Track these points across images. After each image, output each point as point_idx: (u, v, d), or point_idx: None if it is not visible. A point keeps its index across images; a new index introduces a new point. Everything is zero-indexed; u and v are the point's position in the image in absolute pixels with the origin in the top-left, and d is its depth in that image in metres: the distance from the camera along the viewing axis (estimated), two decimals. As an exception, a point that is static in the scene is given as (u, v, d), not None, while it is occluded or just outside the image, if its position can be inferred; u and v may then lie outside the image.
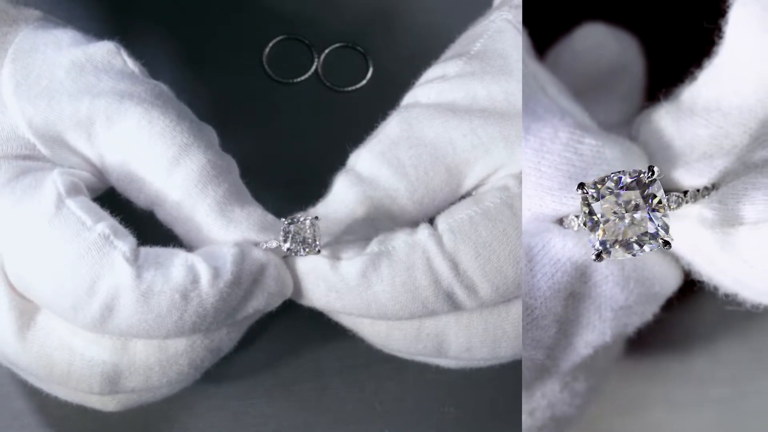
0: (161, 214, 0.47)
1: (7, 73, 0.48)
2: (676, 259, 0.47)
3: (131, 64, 0.49)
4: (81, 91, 0.47)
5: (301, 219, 0.46)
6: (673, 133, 0.46)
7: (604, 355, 0.47)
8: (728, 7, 0.45)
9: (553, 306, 0.45)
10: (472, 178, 0.48)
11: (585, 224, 0.43)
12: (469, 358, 0.48)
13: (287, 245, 0.45)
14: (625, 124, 0.48)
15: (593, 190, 0.43)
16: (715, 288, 0.46)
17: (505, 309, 0.47)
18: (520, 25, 0.49)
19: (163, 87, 0.49)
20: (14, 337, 0.45)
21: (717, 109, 0.45)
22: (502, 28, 0.50)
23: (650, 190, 0.43)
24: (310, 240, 0.45)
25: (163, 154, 0.46)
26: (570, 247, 0.45)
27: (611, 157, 0.45)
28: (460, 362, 0.49)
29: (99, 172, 0.48)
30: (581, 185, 0.43)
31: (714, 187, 0.44)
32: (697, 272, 0.46)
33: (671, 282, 0.47)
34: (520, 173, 0.47)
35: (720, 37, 0.45)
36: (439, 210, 0.47)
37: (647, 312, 0.46)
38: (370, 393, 0.54)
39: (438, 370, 0.50)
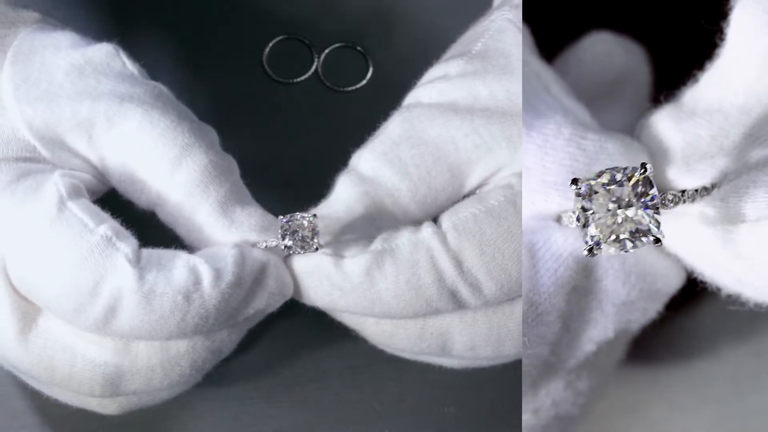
0: (163, 215, 0.47)
1: (6, 76, 0.47)
2: (677, 258, 0.47)
3: (130, 66, 0.49)
4: (80, 94, 0.47)
5: (299, 217, 0.46)
6: (675, 134, 0.46)
7: (607, 354, 0.47)
8: (729, 9, 0.45)
9: (557, 302, 0.45)
10: (475, 178, 0.48)
11: (578, 219, 0.43)
12: (474, 357, 0.48)
13: (285, 243, 0.46)
14: (630, 132, 0.48)
15: (586, 186, 0.43)
16: (718, 289, 0.46)
17: (510, 307, 0.47)
18: (521, 24, 0.49)
19: (163, 88, 0.49)
20: (16, 339, 0.45)
21: (718, 110, 0.45)
22: (503, 28, 0.50)
23: (643, 187, 0.43)
24: (308, 238, 0.45)
25: (164, 155, 0.46)
26: (572, 242, 0.45)
27: (614, 151, 0.45)
28: (464, 361, 0.49)
29: (100, 174, 0.48)
30: (575, 181, 0.43)
31: (713, 187, 0.44)
32: (699, 274, 0.46)
33: (674, 280, 0.47)
34: (524, 171, 0.47)
35: (722, 39, 0.46)
36: (442, 210, 0.47)
37: (650, 309, 0.46)
38: (370, 393, 0.54)
39: (438, 371, 0.50)
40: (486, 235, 0.46)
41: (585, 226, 0.43)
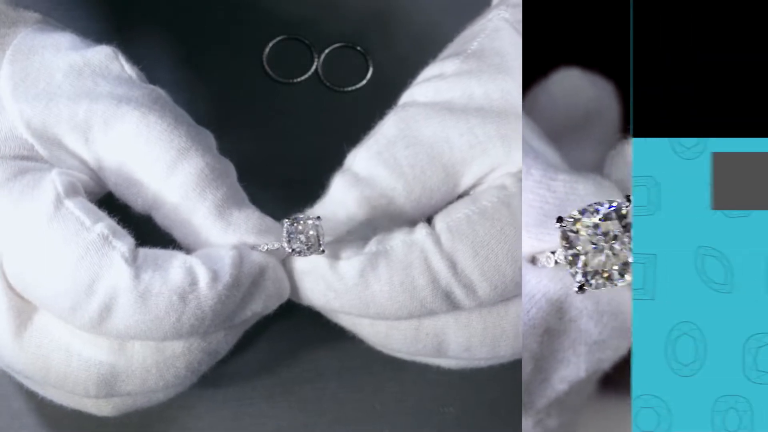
0: (159, 218, 0.47)
1: (5, 74, 0.48)
2: None
3: (129, 69, 0.49)
4: (79, 95, 0.47)
5: (303, 219, 0.46)
6: None
7: (577, 392, 0.47)
8: None
9: (528, 343, 0.45)
10: (470, 177, 0.48)
11: (565, 258, 0.43)
12: (469, 357, 0.48)
13: (291, 246, 0.45)
14: (601, 167, 0.48)
15: (571, 223, 0.43)
16: None
17: (504, 308, 0.47)
18: (517, 24, 0.49)
19: (161, 92, 0.49)
20: (11, 337, 0.45)
21: None
22: (500, 27, 0.50)
23: (629, 220, 0.43)
24: (313, 240, 0.46)
25: (161, 158, 0.46)
26: (545, 283, 0.45)
27: (584, 192, 0.45)
28: (460, 362, 0.49)
29: (97, 176, 0.48)
30: (560, 219, 0.43)
31: None
32: None
33: None
34: (518, 172, 0.47)
35: None
36: (437, 209, 0.47)
37: (621, 347, 0.46)
38: (369, 393, 0.54)
39: (438, 371, 0.50)
40: (479, 236, 0.45)
41: (573, 263, 0.43)
